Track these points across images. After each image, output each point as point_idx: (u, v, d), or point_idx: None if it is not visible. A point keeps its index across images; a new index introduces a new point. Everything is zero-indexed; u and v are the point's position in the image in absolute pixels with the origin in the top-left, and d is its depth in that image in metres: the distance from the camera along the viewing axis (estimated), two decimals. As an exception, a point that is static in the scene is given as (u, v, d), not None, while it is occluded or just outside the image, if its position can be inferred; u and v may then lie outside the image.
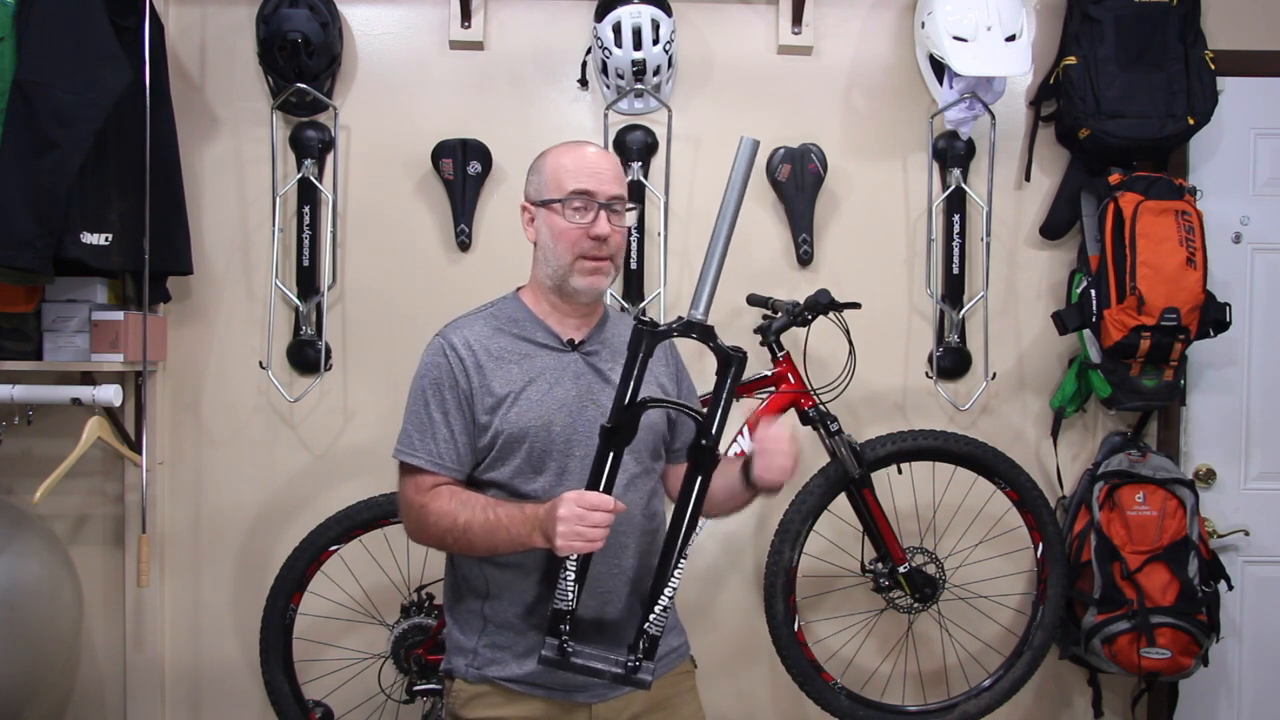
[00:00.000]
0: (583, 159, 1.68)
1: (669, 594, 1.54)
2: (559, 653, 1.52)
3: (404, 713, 2.59)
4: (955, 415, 2.72)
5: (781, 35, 2.72)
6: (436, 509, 1.60)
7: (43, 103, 2.19)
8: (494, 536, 1.56)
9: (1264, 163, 2.78)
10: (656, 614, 1.53)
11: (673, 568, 1.54)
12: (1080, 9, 2.61)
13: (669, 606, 1.55)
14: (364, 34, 2.73)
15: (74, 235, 2.25)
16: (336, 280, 2.69)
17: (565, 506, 1.47)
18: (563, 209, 1.65)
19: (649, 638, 1.54)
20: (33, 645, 2.35)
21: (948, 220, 2.72)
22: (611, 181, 1.67)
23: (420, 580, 2.53)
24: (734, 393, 1.55)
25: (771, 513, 2.53)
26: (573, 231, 1.64)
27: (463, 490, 1.64)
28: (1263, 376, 2.79)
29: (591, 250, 1.64)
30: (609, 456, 1.52)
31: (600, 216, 1.64)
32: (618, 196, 1.67)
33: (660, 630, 1.54)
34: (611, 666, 1.53)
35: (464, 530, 1.57)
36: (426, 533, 1.64)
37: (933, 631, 2.68)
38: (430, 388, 1.65)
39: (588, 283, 1.65)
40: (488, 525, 1.56)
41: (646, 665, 1.53)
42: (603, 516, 1.47)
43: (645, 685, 1.53)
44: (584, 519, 1.46)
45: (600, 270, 1.65)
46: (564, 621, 1.52)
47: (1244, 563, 2.79)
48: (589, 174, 1.65)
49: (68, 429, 2.48)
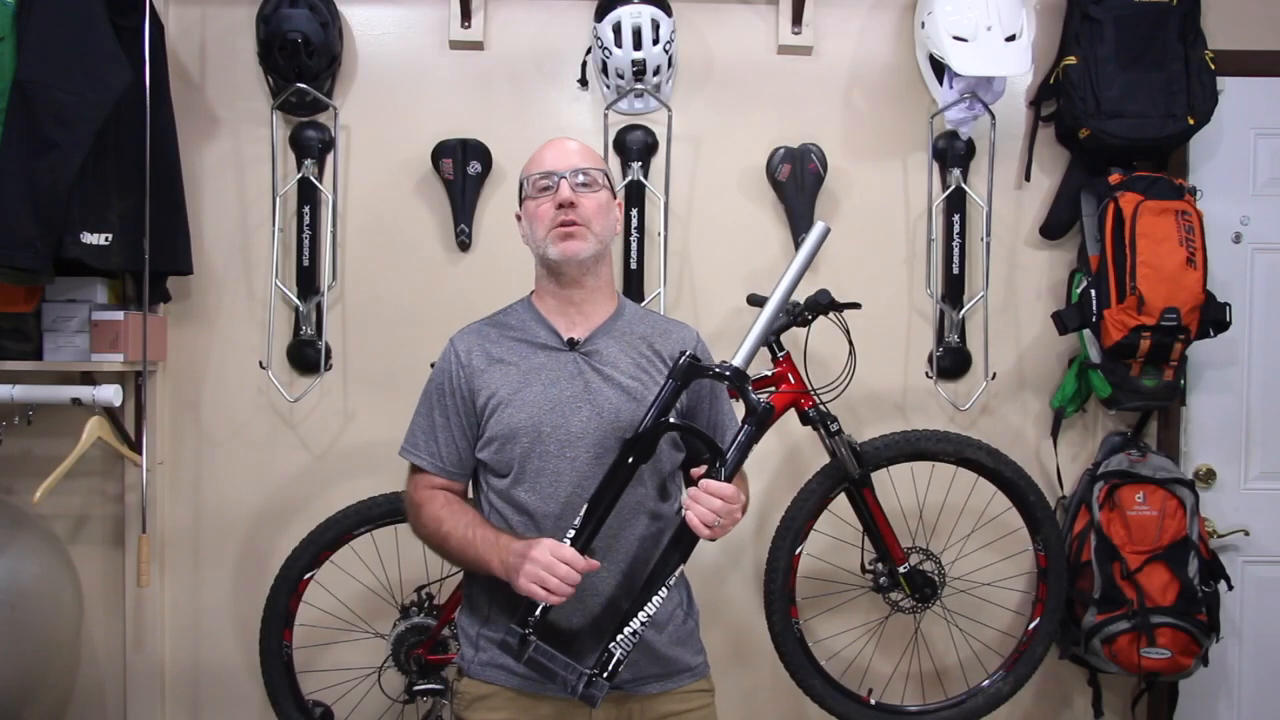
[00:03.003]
0: (544, 148, 1.73)
1: (642, 619, 1.54)
2: (520, 642, 1.53)
3: (404, 713, 2.59)
4: (955, 415, 2.72)
5: (781, 35, 2.72)
6: (428, 513, 1.68)
7: (43, 102, 2.19)
8: (465, 553, 1.63)
9: (1264, 163, 2.78)
10: (624, 635, 1.53)
11: (651, 594, 1.55)
12: (1080, 9, 2.61)
13: (639, 632, 1.54)
14: (364, 34, 2.73)
15: (74, 235, 2.25)
16: (336, 280, 2.69)
17: (539, 550, 1.51)
18: (531, 193, 1.70)
19: (609, 656, 1.53)
20: (33, 645, 2.35)
21: (948, 220, 2.72)
22: (571, 156, 1.70)
23: (423, 580, 2.53)
24: (754, 439, 1.60)
25: (772, 513, 2.53)
26: (542, 208, 1.69)
27: (458, 501, 1.70)
28: (1263, 376, 2.79)
29: (559, 218, 1.67)
30: (619, 468, 1.56)
31: (561, 185, 1.67)
32: (580, 168, 1.69)
33: (625, 654, 1.53)
34: (567, 674, 1.52)
35: (444, 538, 1.65)
36: (418, 530, 1.73)
37: (933, 632, 2.68)
38: (435, 391, 1.73)
39: (561, 249, 1.67)
40: (462, 541, 1.62)
41: (601, 683, 1.52)
42: (568, 573, 1.50)
43: (593, 702, 1.52)
44: (552, 569, 1.49)
45: (572, 235, 1.67)
46: (533, 614, 1.53)
47: (1244, 563, 2.79)
48: (550, 156, 1.71)
49: (68, 429, 2.48)
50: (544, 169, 1.69)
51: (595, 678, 1.52)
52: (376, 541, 2.55)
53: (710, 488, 1.54)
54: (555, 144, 1.74)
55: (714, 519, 1.53)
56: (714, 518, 1.53)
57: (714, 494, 1.53)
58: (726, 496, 1.53)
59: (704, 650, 1.77)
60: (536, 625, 1.53)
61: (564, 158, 1.70)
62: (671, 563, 1.57)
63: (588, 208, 1.68)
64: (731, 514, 1.55)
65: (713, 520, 1.53)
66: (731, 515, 1.55)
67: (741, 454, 1.59)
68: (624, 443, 1.58)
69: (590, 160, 1.72)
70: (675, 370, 1.60)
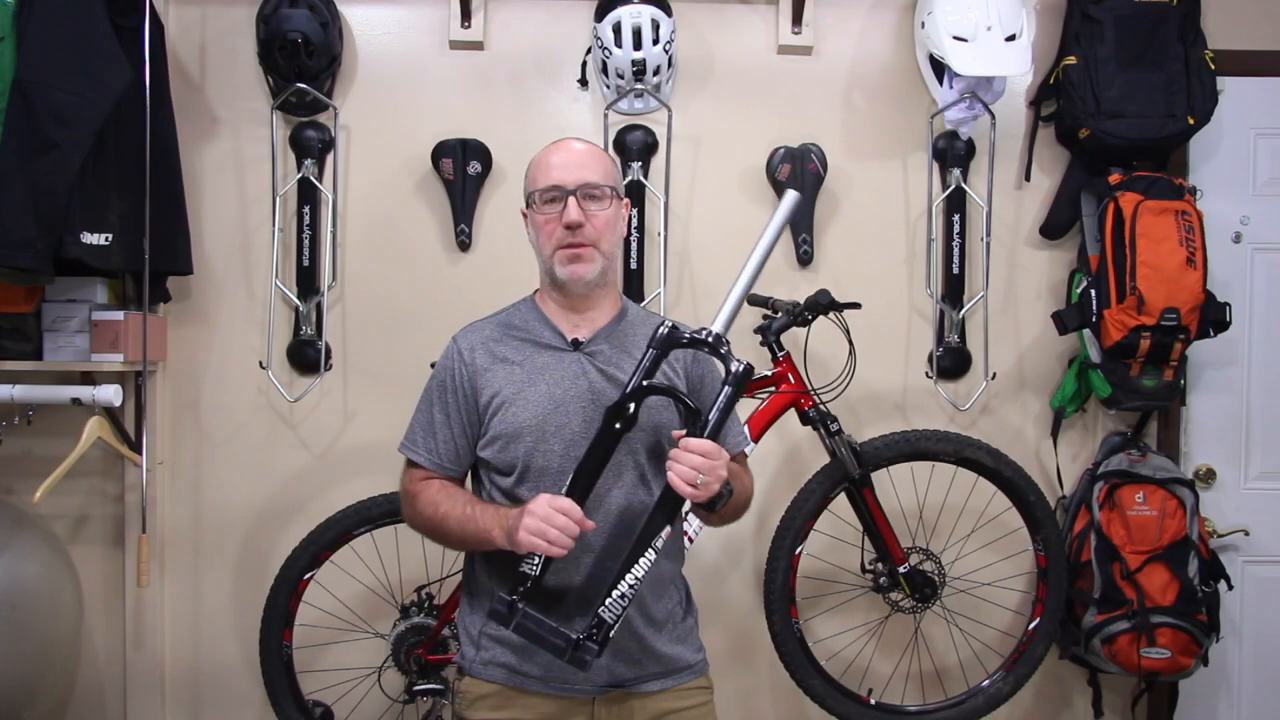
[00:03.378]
0: (553, 153, 1.70)
1: (630, 582, 1.54)
2: (509, 609, 1.53)
3: (404, 713, 2.59)
4: (955, 415, 2.72)
5: (781, 35, 2.72)
6: (425, 498, 1.68)
7: (43, 103, 2.19)
8: (465, 529, 1.62)
9: (1264, 163, 2.78)
10: (613, 599, 1.53)
11: (638, 557, 1.54)
12: (1080, 9, 2.61)
13: (628, 595, 1.54)
14: (364, 34, 2.73)
15: (74, 235, 2.25)
16: (336, 280, 2.69)
17: (537, 503, 1.51)
18: (538, 206, 1.68)
19: (600, 621, 1.53)
20: (33, 645, 2.35)
21: (948, 220, 2.72)
22: (580, 169, 1.67)
23: (423, 580, 2.53)
24: (733, 400, 1.59)
25: (772, 512, 2.53)
26: (548, 225, 1.67)
27: (453, 485, 1.71)
28: (1263, 376, 2.79)
29: (567, 239, 1.65)
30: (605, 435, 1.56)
31: (570, 204, 1.64)
32: (589, 183, 1.66)
33: (615, 618, 1.53)
34: (557, 639, 1.53)
35: (441, 520, 1.65)
36: (415, 520, 1.72)
37: (933, 632, 2.68)
38: (436, 389, 1.72)
39: (569, 271, 1.66)
40: (461, 518, 1.62)
41: (590, 647, 1.52)
42: (566, 523, 1.50)
43: (584, 666, 1.52)
44: (550, 519, 1.49)
45: (579, 257, 1.65)
46: (524, 584, 1.54)
47: (1244, 563, 2.79)
48: (558, 167, 1.67)
49: (68, 429, 2.48)
50: (551, 182, 1.66)
51: (583, 642, 1.52)
52: (376, 541, 2.55)
53: (690, 445, 1.53)
54: (562, 148, 1.70)
55: (695, 476, 1.51)
56: (695, 475, 1.51)
57: (694, 450, 1.52)
58: (706, 452, 1.52)
59: (703, 648, 1.77)
60: (527, 593, 1.54)
61: (572, 170, 1.66)
62: (657, 524, 1.56)
63: (596, 226, 1.66)
64: (714, 470, 1.53)
65: (694, 478, 1.51)
66: (714, 471, 1.53)
67: (721, 415, 1.58)
68: (607, 410, 1.57)
69: (598, 169, 1.68)
70: (655, 338, 1.60)
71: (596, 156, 1.71)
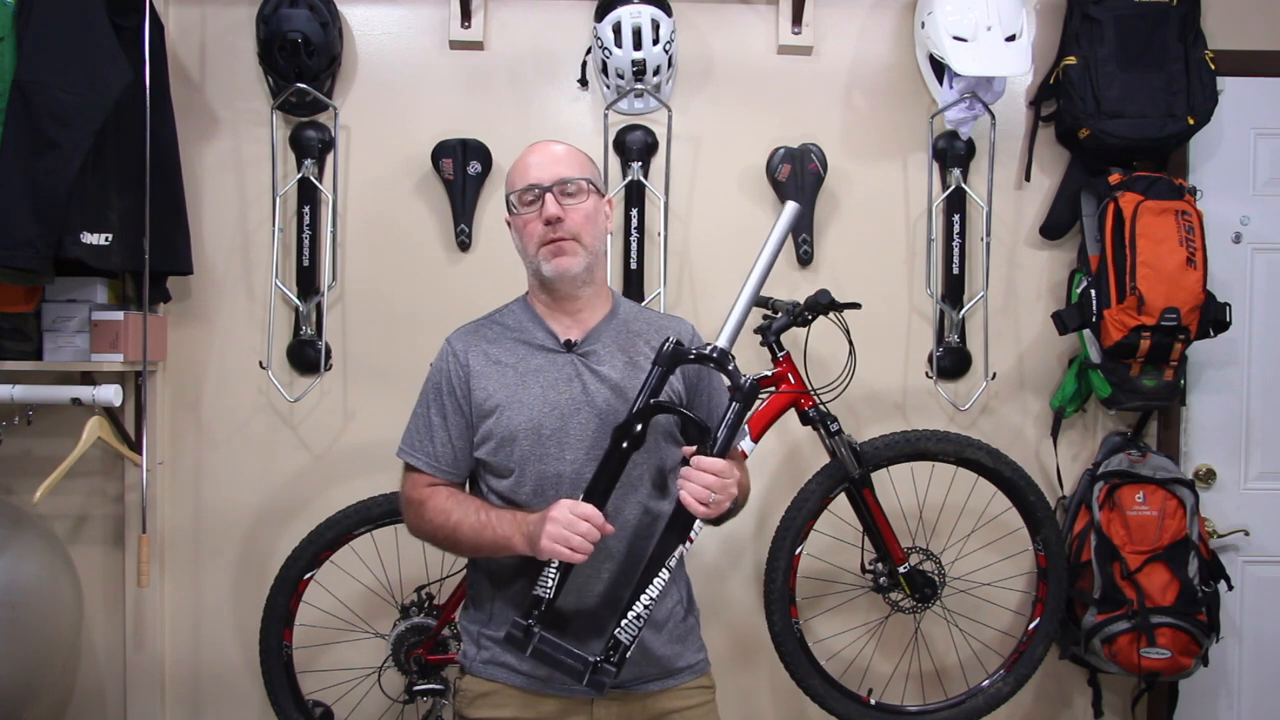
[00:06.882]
0: (529, 155, 1.71)
1: (645, 603, 1.55)
2: (525, 634, 1.54)
3: (404, 713, 2.59)
4: (955, 415, 2.72)
5: (781, 35, 2.72)
6: (433, 506, 1.67)
7: (43, 103, 2.19)
8: (480, 536, 1.61)
9: (1264, 163, 2.78)
10: (628, 620, 1.54)
11: (651, 578, 1.55)
12: (1080, 9, 2.61)
13: (644, 616, 1.54)
14: (364, 34, 2.73)
15: (74, 235, 2.25)
16: (336, 280, 2.69)
17: (558, 510, 1.52)
18: (519, 209, 1.69)
19: (616, 643, 1.54)
20: (33, 645, 2.35)
21: (948, 220, 2.72)
22: (555, 165, 1.67)
23: (423, 580, 2.53)
24: (742, 415, 1.60)
25: (772, 512, 2.53)
26: (529, 225, 1.67)
27: (461, 492, 1.71)
28: (1263, 376, 2.79)
29: (548, 235, 1.65)
30: (613, 456, 1.56)
31: (547, 200, 1.65)
32: (564, 178, 1.66)
33: (631, 639, 1.54)
34: (574, 662, 1.53)
35: (454, 528, 1.63)
36: (421, 528, 1.70)
37: (933, 632, 2.68)
38: (432, 392, 1.72)
39: (553, 266, 1.66)
40: (477, 525, 1.61)
41: (608, 669, 1.53)
42: (589, 529, 1.50)
43: (602, 689, 1.53)
44: (573, 525, 1.50)
45: (562, 251, 1.66)
46: (539, 607, 1.54)
47: (1244, 563, 2.79)
48: (534, 166, 1.68)
49: (68, 429, 2.48)
50: (527, 182, 1.67)
51: (601, 664, 1.53)
52: (376, 541, 2.55)
53: (702, 464, 1.54)
54: (538, 150, 1.71)
55: (707, 495, 1.52)
56: (707, 494, 1.52)
57: (706, 470, 1.53)
58: (718, 471, 1.53)
59: (704, 648, 1.78)
60: (541, 616, 1.54)
61: (547, 167, 1.67)
62: (670, 544, 1.57)
63: (575, 220, 1.66)
64: (725, 488, 1.54)
65: (706, 496, 1.52)
66: (726, 490, 1.55)
67: (730, 431, 1.59)
68: (614, 430, 1.57)
69: (574, 166, 1.69)
70: (660, 356, 1.60)
71: (571, 154, 1.71)
